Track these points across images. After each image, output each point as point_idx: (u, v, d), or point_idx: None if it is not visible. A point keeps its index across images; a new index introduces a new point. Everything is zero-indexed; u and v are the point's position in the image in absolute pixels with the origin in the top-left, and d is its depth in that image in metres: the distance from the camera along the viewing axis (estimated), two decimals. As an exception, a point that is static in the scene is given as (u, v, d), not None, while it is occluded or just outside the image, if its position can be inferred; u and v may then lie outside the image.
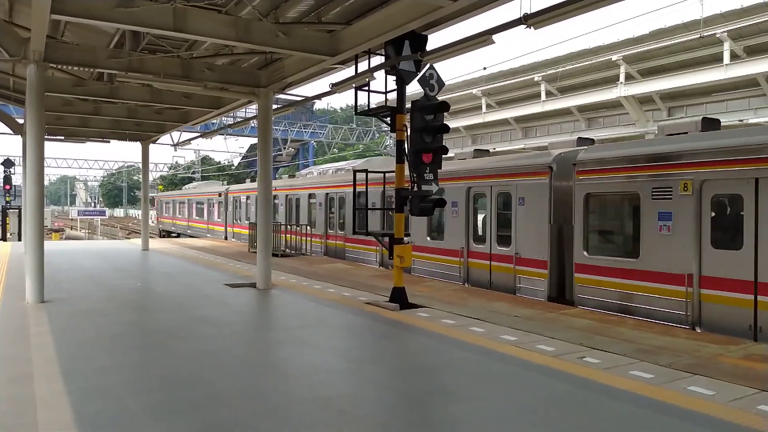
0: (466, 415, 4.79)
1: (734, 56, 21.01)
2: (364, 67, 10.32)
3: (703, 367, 6.12)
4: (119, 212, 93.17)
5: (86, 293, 10.97)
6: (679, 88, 22.95)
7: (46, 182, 11.86)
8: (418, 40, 9.37)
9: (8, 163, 32.11)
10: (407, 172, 9.57)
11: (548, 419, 4.72)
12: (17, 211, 29.15)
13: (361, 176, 10.97)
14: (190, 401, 5.06)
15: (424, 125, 9.28)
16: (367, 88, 10.58)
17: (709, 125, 9.23)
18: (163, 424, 4.53)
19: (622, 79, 24.59)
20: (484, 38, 8.26)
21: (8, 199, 31.42)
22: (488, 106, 32.02)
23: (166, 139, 26.43)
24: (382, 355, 7.08)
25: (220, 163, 73.03)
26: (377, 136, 52.80)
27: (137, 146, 22.50)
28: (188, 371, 6.00)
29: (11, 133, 20.66)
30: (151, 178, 55.19)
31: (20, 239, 25.75)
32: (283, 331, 8.35)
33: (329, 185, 19.70)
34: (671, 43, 22.53)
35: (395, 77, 9.80)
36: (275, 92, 12.73)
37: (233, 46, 10.37)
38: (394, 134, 10.03)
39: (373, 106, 10.69)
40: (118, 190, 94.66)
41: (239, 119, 34.77)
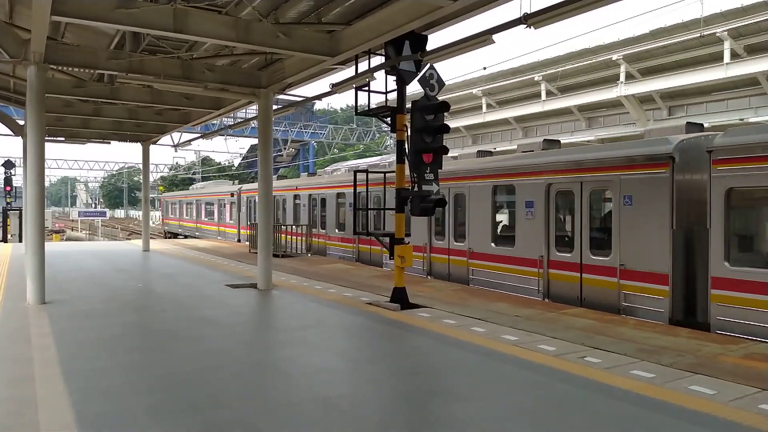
0: (467, 415, 4.79)
1: (734, 55, 21.00)
2: (364, 67, 10.32)
3: (704, 366, 6.11)
4: (120, 213, 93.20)
5: (87, 294, 10.98)
6: (679, 87, 22.94)
7: (46, 183, 11.89)
8: (418, 40, 9.37)
9: (9, 164, 32.12)
10: (407, 172, 9.57)
11: (549, 419, 4.72)
12: (18, 212, 29.17)
13: (359, 177, 10.93)
14: (190, 401, 5.06)
15: (424, 125, 9.28)
16: (367, 88, 10.58)
17: None
18: (163, 424, 4.53)
19: (622, 78, 24.58)
20: (484, 38, 8.25)
21: (9, 200, 31.44)
22: (488, 105, 32.01)
23: (166, 140, 26.42)
24: (382, 355, 7.07)
25: (220, 163, 73.08)
26: (377, 136, 52.81)
27: (138, 147, 22.51)
28: (189, 372, 6.00)
29: (12, 134, 20.66)
30: (151, 179, 55.25)
31: (21, 240, 25.76)
32: (283, 331, 8.36)
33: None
34: (671, 42, 22.52)
35: (395, 77, 9.80)
36: (275, 93, 12.73)
37: (233, 46, 10.36)
38: (394, 134, 10.03)
39: (373, 106, 10.69)
40: (118, 191, 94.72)
41: (239, 120, 34.80)
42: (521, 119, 30.73)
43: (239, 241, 26.84)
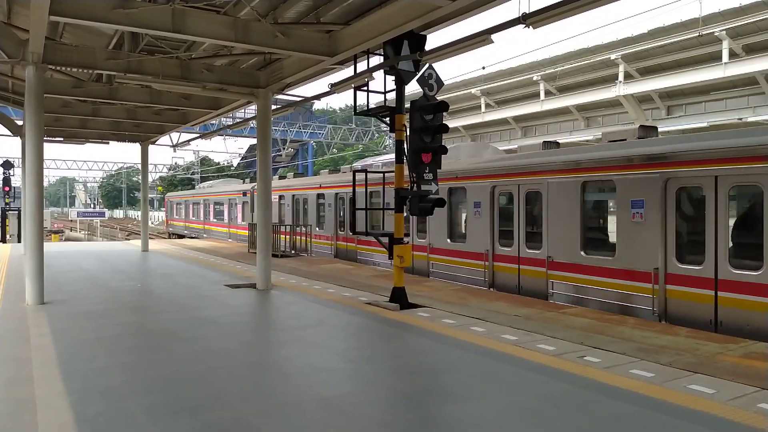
0: (466, 414, 4.79)
1: (733, 55, 21.04)
2: (363, 67, 10.32)
3: (703, 365, 6.12)
4: (119, 213, 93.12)
5: (86, 294, 10.97)
6: (677, 86, 22.99)
7: (45, 184, 11.88)
8: (416, 40, 9.37)
9: (7, 164, 32.07)
10: (407, 172, 9.57)
11: (548, 418, 4.72)
12: (17, 212, 29.15)
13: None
14: (190, 401, 5.05)
15: (423, 125, 9.28)
16: (366, 88, 10.57)
17: None
18: (163, 424, 4.52)
19: (620, 78, 24.63)
20: (483, 38, 8.27)
21: (8, 200, 31.40)
22: (487, 105, 32.05)
23: (165, 140, 26.44)
24: (382, 355, 7.07)
25: (219, 163, 73.04)
26: (376, 136, 52.81)
27: (136, 147, 22.51)
28: (188, 372, 5.99)
29: (10, 134, 20.63)
30: (150, 179, 55.18)
31: (20, 241, 25.74)
32: (283, 331, 8.36)
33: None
34: (670, 41, 22.56)
35: (394, 77, 9.79)
36: (274, 93, 12.72)
37: (232, 46, 10.35)
38: (393, 134, 10.03)
39: (372, 106, 10.69)
40: (117, 191, 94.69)
41: (238, 120, 34.78)
42: (520, 119, 30.78)
43: (252, 243, 25.39)
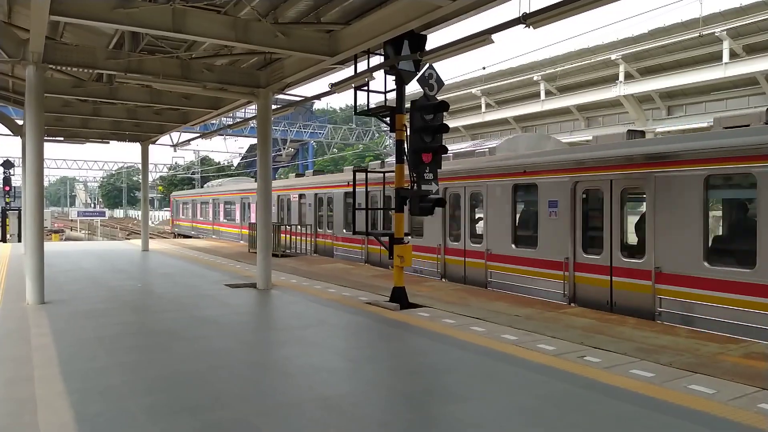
0: (466, 414, 4.79)
1: (733, 55, 21.03)
2: (363, 67, 10.31)
3: (703, 365, 6.12)
4: (119, 213, 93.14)
5: (86, 294, 10.97)
6: (678, 86, 22.97)
7: (45, 183, 11.88)
8: (417, 39, 9.37)
9: (8, 164, 32.09)
10: (407, 171, 9.57)
11: (548, 418, 4.72)
12: (17, 212, 29.15)
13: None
14: (190, 401, 5.06)
15: (423, 125, 9.28)
16: (366, 88, 10.57)
17: None
18: (163, 424, 4.52)
19: (621, 78, 24.61)
20: (483, 38, 8.26)
21: (8, 200, 31.41)
22: (488, 105, 32.05)
23: (165, 139, 26.43)
24: (382, 354, 7.07)
25: (219, 163, 73.04)
26: (377, 136, 52.79)
27: (137, 147, 22.51)
28: (188, 371, 5.99)
29: (11, 134, 20.64)
30: (150, 178, 55.22)
31: (20, 240, 25.74)
32: (283, 331, 8.36)
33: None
34: (670, 41, 22.55)
35: (394, 77, 9.79)
36: (274, 92, 12.72)
37: (232, 46, 10.36)
38: (393, 134, 10.03)
39: (372, 105, 10.69)
40: (117, 191, 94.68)
41: (239, 119, 34.78)
42: (520, 119, 30.77)
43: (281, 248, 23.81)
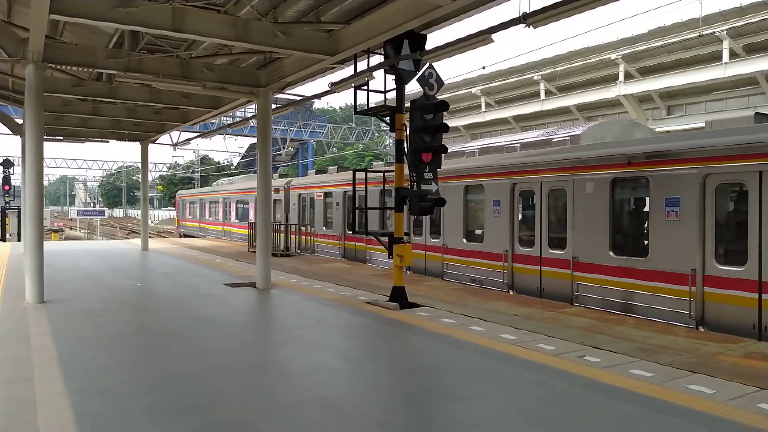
0: (465, 414, 4.79)
1: (733, 54, 21.01)
2: (363, 66, 10.31)
3: (703, 365, 6.12)
4: (119, 212, 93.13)
5: (86, 293, 10.96)
6: (678, 86, 22.94)
7: (45, 182, 11.88)
8: (417, 39, 9.36)
9: (7, 163, 32.07)
10: (407, 171, 9.57)
11: (548, 418, 4.72)
12: (16, 211, 29.13)
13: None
14: (189, 401, 5.05)
15: (423, 124, 9.27)
16: (366, 87, 10.57)
17: None
18: (163, 424, 4.52)
19: (621, 77, 24.59)
20: (483, 37, 8.25)
21: (7, 199, 31.40)
22: (487, 105, 32.02)
23: (165, 139, 26.40)
24: (381, 354, 7.07)
25: (219, 162, 73.02)
26: (377, 135, 52.76)
27: (136, 146, 22.50)
28: (188, 371, 5.99)
29: (10, 133, 20.62)
30: (150, 178, 55.09)
31: (20, 239, 25.73)
32: (283, 330, 8.36)
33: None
34: (670, 41, 22.52)
35: (394, 76, 9.79)
36: (274, 92, 12.71)
37: (232, 45, 10.35)
38: (393, 133, 10.02)
39: (372, 105, 10.69)
40: (117, 190, 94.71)
41: (238, 119, 34.73)
42: (520, 118, 30.73)
43: (287, 249, 20.56)
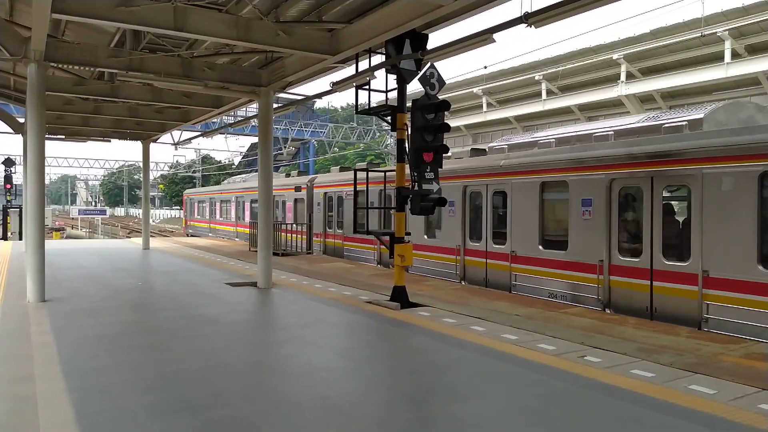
0: (466, 414, 4.79)
1: (735, 55, 20.98)
2: (364, 66, 10.31)
3: (704, 366, 6.11)
4: (120, 211, 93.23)
5: (87, 292, 10.98)
6: (680, 86, 22.91)
7: (46, 181, 11.89)
8: (418, 38, 9.36)
9: (9, 162, 32.10)
10: (408, 171, 9.57)
11: (549, 418, 4.72)
12: (18, 210, 29.17)
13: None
14: (190, 400, 5.06)
15: (424, 124, 9.27)
16: (367, 87, 10.57)
17: None
18: (163, 422, 4.53)
19: (622, 77, 24.56)
20: (484, 37, 8.25)
21: (9, 198, 31.43)
22: (489, 104, 32.01)
23: (166, 138, 26.35)
24: (382, 354, 7.08)
25: (220, 162, 73.10)
26: (378, 135, 52.77)
27: (138, 145, 22.51)
28: (188, 370, 6.00)
29: (12, 132, 20.63)
30: (151, 177, 55.19)
31: (21, 238, 25.76)
32: (283, 330, 8.36)
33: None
34: (672, 41, 22.49)
35: (396, 76, 9.79)
36: (276, 91, 12.71)
37: (234, 45, 10.35)
38: (394, 133, 10.03)
39: (373, 105, 10.68)
40: (118, 189, 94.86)
41: (240, 118, 34.72)
42: (522, 118, 30.72)
43: (310, 251, 19.89)
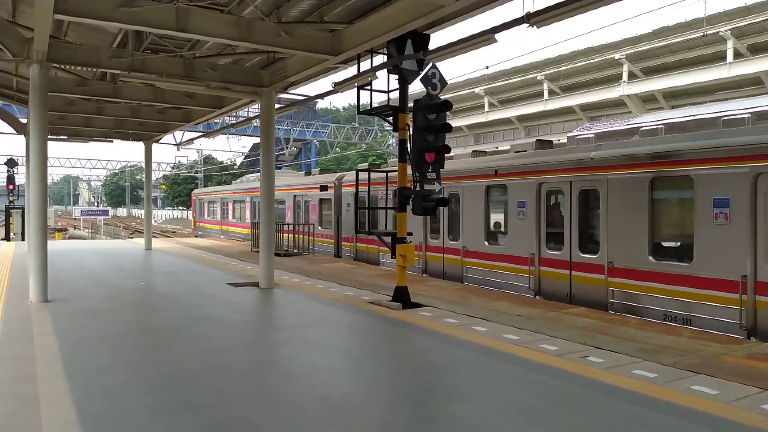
0: (468, 414, 4.79)
1: (737, 54, 20.97)
2: (366, 66, 10.32)
3: (706, 366, 6.10)
4: (122, 212, 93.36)
5: (89, 293, 11.00)
6: (681, 86, 22.92)
7: (49, 182, 11.91)
8: (420, 39, 9.36)
9: (11, 162, 32.15)
10: (410, 171, 9.57)
11: (550, 418, 4.71)
12: (20, 210, 29.22)
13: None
14: (192, 400, 5.06)
15: (426, 124, 9.27)
16: (369, 87, 10.57)
17: None
18: (165, 422, 4.53)
19: (624, 77, 24.57)
20: (486, 37, 8.25)
21: (12, 198, 31.49)
22: (491, 105, 32.01)
23: (168, 138, 26.40)
24: (384, 354, 7.08)
25: (222, 162, 73.17)
26: (380, 135, 52.79)
27: (140, 146, 22.53)
28: (191, 370, 6.00)
29: (14, 132, 20.68)
30: (153, 177, 55.19)
31: (23, 239, 25.81)
32: (285, 330, 8.36)
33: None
34: (674, 41, 22.49)
35: (398, 76, 9.78)
36: (277, 92, 12.72)
37: (235, 45, 10.36)
38: (396, 133, 10.03)
39: (375, 105, 10.68)
40: (121, 189, 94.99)
41: (242, 119, 34.78)
42: (523, 118, 30.73)
43: (338, 255, 18.87)
